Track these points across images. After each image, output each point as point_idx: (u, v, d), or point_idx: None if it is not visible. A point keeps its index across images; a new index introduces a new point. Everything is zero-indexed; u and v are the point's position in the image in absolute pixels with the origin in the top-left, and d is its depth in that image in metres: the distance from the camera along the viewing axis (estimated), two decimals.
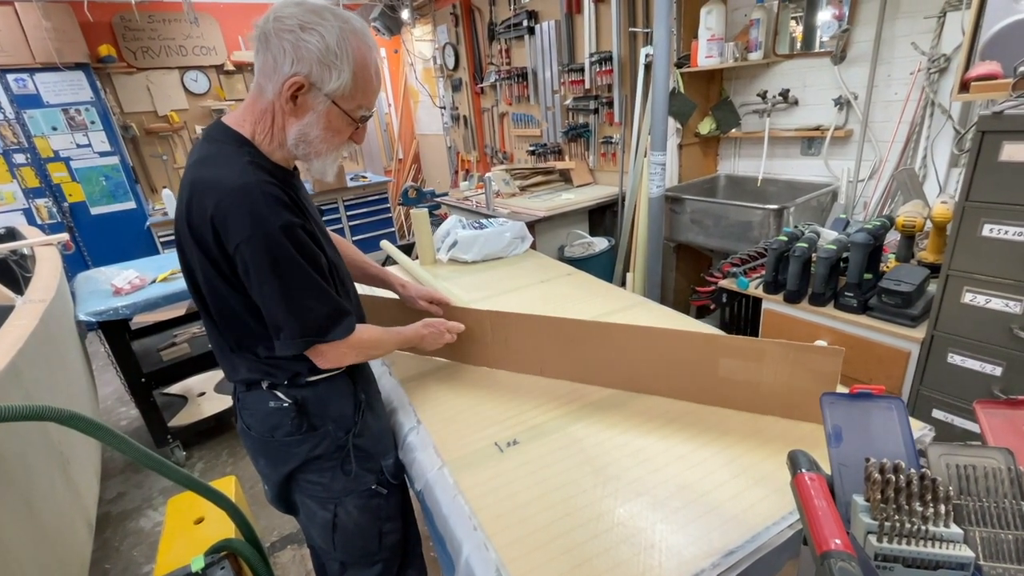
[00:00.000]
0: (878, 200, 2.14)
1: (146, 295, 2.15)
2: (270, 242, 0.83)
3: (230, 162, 0.86)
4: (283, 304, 0.87)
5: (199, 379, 2.84)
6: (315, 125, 0.88)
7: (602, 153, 3.29)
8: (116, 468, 2.48)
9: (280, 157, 0.93)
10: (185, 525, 1.56)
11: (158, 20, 4.29)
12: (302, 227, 0.88)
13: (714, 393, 1.13)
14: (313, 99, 0.86)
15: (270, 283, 0.85)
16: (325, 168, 0.94)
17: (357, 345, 1.00)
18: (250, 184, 0.83)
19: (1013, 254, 1.19)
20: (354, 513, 1.09)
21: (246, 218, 0.82)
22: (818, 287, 1.56)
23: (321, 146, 0.91)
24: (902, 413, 0.78)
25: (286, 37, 0.81)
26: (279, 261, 0.85)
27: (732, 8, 2.45)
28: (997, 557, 0.63)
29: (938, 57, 1.86)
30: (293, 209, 0.88)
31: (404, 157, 6.00)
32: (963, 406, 1.37)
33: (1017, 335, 1.22)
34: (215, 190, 0.83)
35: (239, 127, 0.90)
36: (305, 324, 0.90)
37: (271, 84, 0.85)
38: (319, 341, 0.93)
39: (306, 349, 0.94)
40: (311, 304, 0.90)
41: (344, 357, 1.00)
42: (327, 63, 0.83)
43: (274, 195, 0.85)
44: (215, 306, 0.94)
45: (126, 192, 4.18)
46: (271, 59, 0.83)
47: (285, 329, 0.90)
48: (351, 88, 0.86)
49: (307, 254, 0.89)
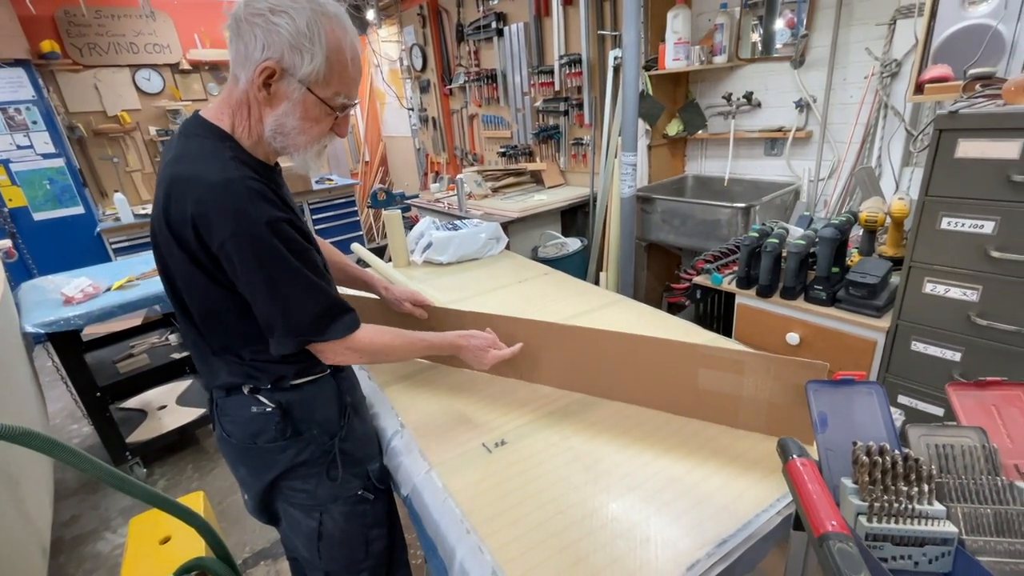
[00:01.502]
0: (838, 198, 2.23)
1: (100, 304, 2.03)
2: (256, 239, 0.79)
3: (210, 158, 0.81)
4: (273, 301, 0.83)
5: (159, 391, 2.70)
6: (291, 115, 0.84)
7: (572, 154, 3.32)
8: (69, 489, 2.32)
9: (261, 152, 0.89)
10: (150, 546, 1.47)
11: (106, 16, 4.07)
12: (288, 222, 0.84)
13: (695, 406, 1.10)
14: (287, 86, 0.82)
15: (259, 281, 0.82)
16: (307, 162, 0.90)
17: (360, 348, 0.95)
18: (232, 180, 0.79)
19: (969, 245, 1.26)
20: (340, 520, 1.05)
21: (230, 215, 0.78)
22: (789, 281, 1.61)
23: (299, 138, 0.86)
24: (882, 397, 0.81)
25: (256, 22, 0.78)
26: (267, 258, 0.81)
27: (697, 13, 2.52)
28: (978, 531, 0.66)
29: (890, 62, 1.95)
30: (279, 204, 0.84)
31: (371, 159, 5.89)
32: (926, 391, 1.44)
33: (975, 322, 1.29)
34: (195, 187, 0.78)
35: (217, 120, 0.86)
36: (298, 322, 0.86)
37: (244, 72, 0.81)
38: (316, 340, 0.89)
39: (299, 348, 0.90)
40: (304, 301, 0.86)
41: (347, 356, 0.95)
42: (298, 47, 0.78)
43: (258, 190, 0.81)
44: (197, 308, 0.89)
45: (73, 196, 3.93)
46: (243, 46, 0.79)
47: (277, 328, 0.86)
48: (325, 73, 0.82)
49: (296, 249, 0.85)
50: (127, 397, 2.65)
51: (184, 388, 2.74)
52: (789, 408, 0.99)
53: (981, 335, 1.31)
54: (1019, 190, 1.16)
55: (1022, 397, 0.79)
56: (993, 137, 1.16)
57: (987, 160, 1.18)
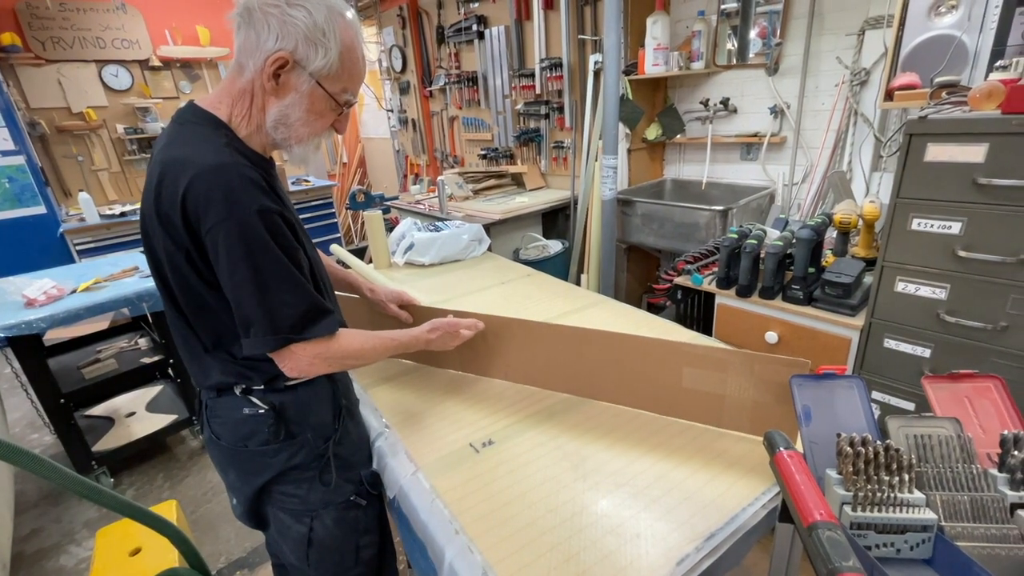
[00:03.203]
0: (811, 201, 2.30)
1: (65, 306, 1.94)
2: (245, 227, 0.76)
3: (203, 143, 0.79)
4: (256, 296, 0.79)
5: (127, 398, 2.60)
6: (297, 106, 0.83)
7: (553, 157, 3.34)
8: (30, 501, 2.21)
9: (258, 143, 0.87)
10: (119, 558, 1.41)
11: (71, 9, 3.93)
12: (280, 214, 0.81)
13: (679, 405, 1.10)
14: (296, 78, 0.82)
15: (242, 272, 0.78)
16: (306, 155, 0.89)
17: (332, 355, 0.90)
18: (226, 165, 0.77)
19: (937, 245, 1.31)
20: (331, 526, 1.02)
21: (220, 200, 0.75)
22: (767, 281, 1.65)
23: (302, 130, 0.85)
24: (863, 390, 0.84)
25: (272, 12, 0.77)
26: (254, 248, 0.78)
27: (675, 19, 2.57)
28: (956, 517, 0.68)
29: (859, 71, 2.03)
30: (272, 196, 0.81)
31: (349, 161, 5.82)
32: (898, 387, 1.49)
33: (943, 319, 1.34)
34: (188, 169, 0.76)
35: (214, 109, 0.84)
36: (280, 319, 0.82)
37: (252, 61, 0.80)
38: (295, 339, 0.84)
39: (279, 348, 0.84)
40: (287, 298, 0.82)
41: (315, 365, 0.89)
42: (313, 40, 0.79)
43: (251, 178, 0.78)
44: (187, 302, 0.85)
45: (34, 195, 3.76)
46: (253, 35, 0.79)
47: (256, 324, 0.81)
48: (338, 68, 0.82)
49: (285, 244, 0.82)
50: (93, 404, 2.54)
51: (155, 394, 2.64)
52: (772, 406, 1.00)
53: (949, 331, 1.36)
54: (984, 192, 1.21)
55: (992, 389, 0.83)
56: (960, 141, 1.21)
57: (954, 163, 1.23)
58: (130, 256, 2.55)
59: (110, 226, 3.81)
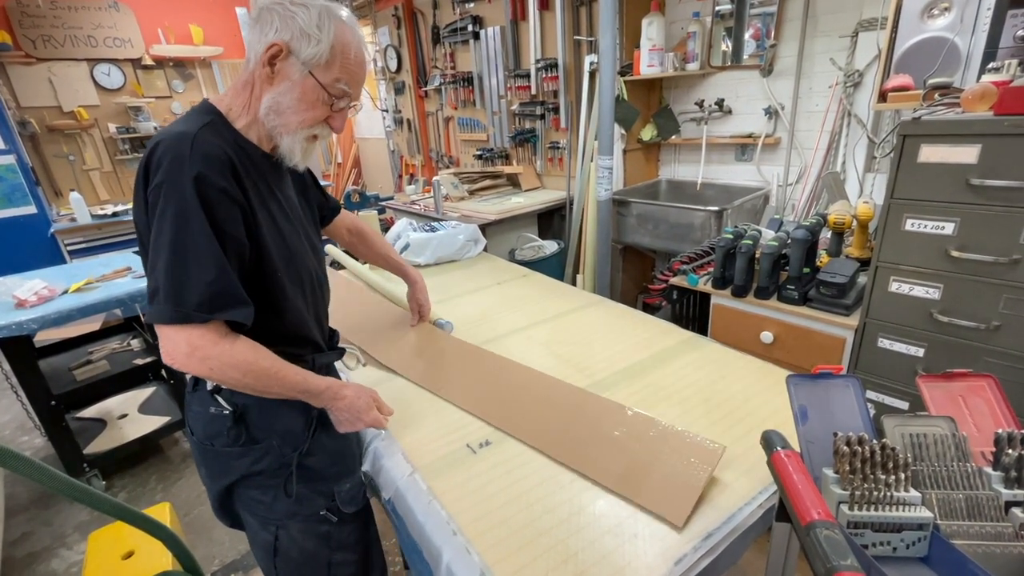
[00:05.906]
0: (806, 202, 2.31)
1: (57, 307, 1.92)
2: (179, 190, 0.76)
3: (184, 121, 0.84)
4: (170, 261, 0.76)
5: (120, 400, 2.57)
6: (288, 93, 0.85)
7: (549, 158, 3.34)
8: (19, 505, 2.18)
9: (255, 134, 0.89)
10: (112, 562, 1.39)
11: (62, 7, 3.89)
12: (225, 191, 0.79)
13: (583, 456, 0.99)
14: (290, 67, 0.85)
15: (165, 235, 0.76)
16: (294, 147, 0.89)
17: (220, 354, 0.80)
18: (188, 133, 0.79)
19: (931, 245, 1.32)
20: (298, 538, 1.00)
21: (168, 162, 0.77)
22: (763, 281, 1.65)
23: (292, 118, 0.86)
24: (858, 390, 0.84)
25: (276, 9, 0.84)
26: (180, 212, 0.76)
27: (670, 21, 2.58)
28: (951, 516, 0.68)
29: (852, 72, 2.04)
30: (231, 175, 0.81)
31: (343, 161, 5.80)
32: (892, 386, 1.50)
33: (937, 319, 1.35)
34: (156, 139, 0.80)
35: (217, 102, 0.89)
36: (187, 292, 0.77)
37: (254, 53, 0.86)
38: (196, 318, 0.77)
39: (178, 323, 0.78)
40: (201, 273, 0.77)
41: (192, 359, 0.79)
42: (308, 33, 0.83)
43: (210, 152, 0.79)
44: None
45: (24, 195, 3.72)
46: (259, 30, 0.84)
47: (162, 291, 0.77)
48: (328, 58, 0.85)
49: (218, 219, 0.78)
50: (85, 406, 2.51)
51: (147, 396, 2.62)
52: (663, 479, 0.92)
53: (942, 331, 1.37)
54: (977, 193, 1.22)
55: (986, 388, 0.83)
56: (953, 143, 1.22)
57: (947, 165, 1.24)
58: (122, 256, 2.52)
59: (102, 226, 3.78)
